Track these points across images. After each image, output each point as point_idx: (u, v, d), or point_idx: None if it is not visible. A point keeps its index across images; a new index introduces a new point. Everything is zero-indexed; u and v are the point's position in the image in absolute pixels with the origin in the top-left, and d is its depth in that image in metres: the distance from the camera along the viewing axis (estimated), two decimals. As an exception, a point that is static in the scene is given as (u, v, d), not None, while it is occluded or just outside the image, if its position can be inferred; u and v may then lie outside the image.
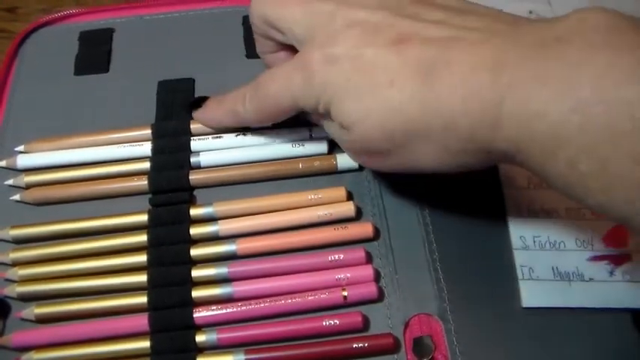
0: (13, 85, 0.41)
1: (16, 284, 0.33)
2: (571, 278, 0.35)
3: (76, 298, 0.33)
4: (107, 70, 0.42)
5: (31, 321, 0.32)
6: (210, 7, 0.46)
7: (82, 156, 0.38)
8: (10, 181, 0.37)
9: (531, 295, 0.35)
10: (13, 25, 0.49)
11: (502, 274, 0.35)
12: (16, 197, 0.36)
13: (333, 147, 0.38)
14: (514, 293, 0.35)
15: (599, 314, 0.34)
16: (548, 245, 0.36)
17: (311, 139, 0.39)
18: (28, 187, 0.37)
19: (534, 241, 0.36)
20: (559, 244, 0.36)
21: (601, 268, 0.36)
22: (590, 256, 0.36)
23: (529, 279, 0.35)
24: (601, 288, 0.35)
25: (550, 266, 0.36)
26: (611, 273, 0.36)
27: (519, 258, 0.36)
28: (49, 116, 0.40)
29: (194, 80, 0.42)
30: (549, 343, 0.34)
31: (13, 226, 0.35)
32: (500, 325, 0.34)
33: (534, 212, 0.37)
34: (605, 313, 0.34)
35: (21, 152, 0.38)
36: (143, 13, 0.45)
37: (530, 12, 0.44)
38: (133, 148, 0.38)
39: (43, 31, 0.44)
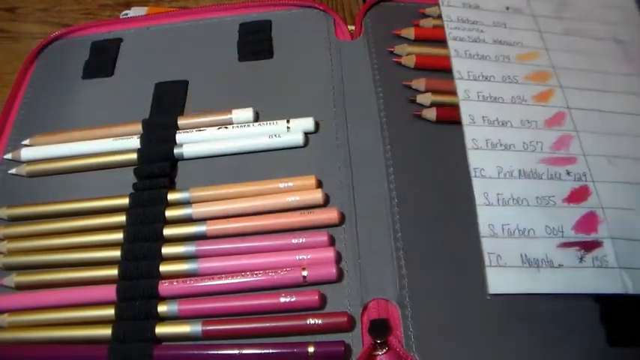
0: (28, 89, 0.46)
1: (2, 256, 0.36)
2: (540, 265, 0.35)
3: (53, 269, 0.35)
4: (112, 74, 0.46)
5: (10, 288, 0.35)
6: (211, 17, 0.49)
7: (78, 149, 0.41)
8: (13, 170, 0.41)
9: (499, 281, 0.34)
10: (13, 25, 0.52)
11: (469, 262, 0.35)
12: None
13: (309, 139, 0.41)
14: (480, 281, 0.34)
15: (567, 302, 0.33)
16: (517, 233, 0.36)
17: (288, 131, 0.40)
18: (30, 176, 0.40)
19: (503, 229, 0.36)
20: (528, 231, 0.36)
21: (571, 255, 0.35)
22: (560, 242, 0.35)
23: (497, 266, 0.35)
24: (570, 274, 0.34)
25: (519, 253, 0.35)
26: (581, 259, 0.35)
27: (487, 245, 0.35)
28: (57, 114, 0.44)
29: (187, 82, 0.45)
30: (514, 332, 0.33)
31: (9, 206, 0.38)
32: (462, 313, 0.34)
33: (504, 201, 0.37)
34: (573, 301, 0.33)
35: (26, 145, 0.42)
36: (150, 24, 0.49)
37: (508, 8, 0.44)
38: (123, 141, 0.41)
39: (59, 42, 0.48)
